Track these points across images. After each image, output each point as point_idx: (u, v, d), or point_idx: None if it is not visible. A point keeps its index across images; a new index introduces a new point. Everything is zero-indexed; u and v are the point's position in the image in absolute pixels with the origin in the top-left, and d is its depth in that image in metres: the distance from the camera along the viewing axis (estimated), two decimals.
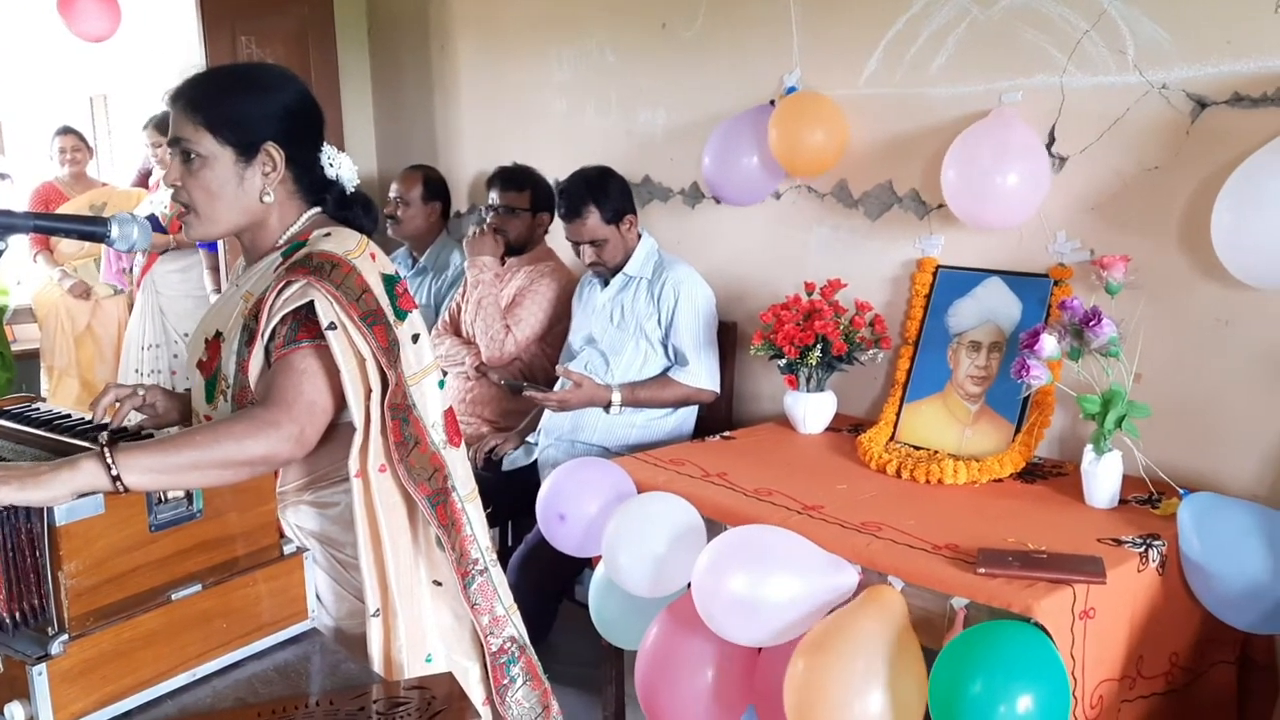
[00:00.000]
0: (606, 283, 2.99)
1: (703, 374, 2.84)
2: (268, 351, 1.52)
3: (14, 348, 5.25)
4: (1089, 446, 2.07)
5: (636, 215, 2.96)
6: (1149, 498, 2.08)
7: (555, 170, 3.46)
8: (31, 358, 5.31)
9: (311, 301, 1.47)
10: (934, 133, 2.51)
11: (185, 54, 4.89)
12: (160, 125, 4.75)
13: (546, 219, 3.41)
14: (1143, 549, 1.86)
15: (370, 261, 1.55)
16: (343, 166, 1.68)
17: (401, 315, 1.56)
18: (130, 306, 5.21)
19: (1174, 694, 1.93)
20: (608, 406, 2.83)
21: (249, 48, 4.09)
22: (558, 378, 2.94)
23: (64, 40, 6.33)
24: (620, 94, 3.40)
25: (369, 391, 1.50)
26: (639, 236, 2.97)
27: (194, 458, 1.35)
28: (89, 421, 1.62)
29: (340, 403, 1.52)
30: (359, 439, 1.50)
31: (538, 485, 2.87)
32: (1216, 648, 1.99)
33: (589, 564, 2.69)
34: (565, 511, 2.22)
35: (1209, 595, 1.86)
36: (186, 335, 5.09)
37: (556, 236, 3.45)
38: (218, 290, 4.36)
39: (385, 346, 1.49)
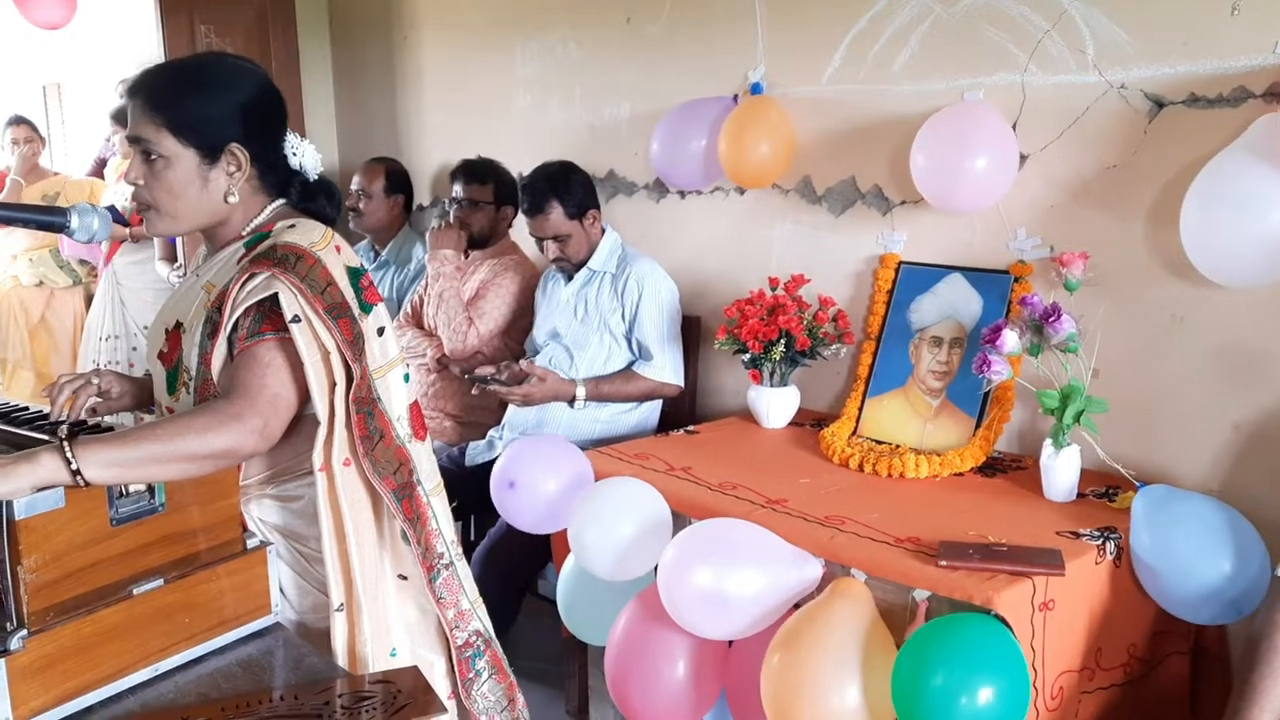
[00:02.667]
0: (570, 277, 2.98)
1: (667, 368, 2.84)
2: (230, 344, 1.50)
3: None
4: (1048, 441, 2.10)
5: (600, 210, 2.96)
6: (1106, 491, 2.12)
7: (519, 164, 3.45)
8: None
9: (276, 294, 1.45)
10: (897, 129, 2.53)
11: (142, 43, 4.81)
12: (120, 117, 4.67)
13: (510, 212, 3.40)
14: (1100, 541, 1.89)
15: (335, 254, 1.54)
16: (306, 155, 1.66)
17: (366, 308, 1.55)
18: (87, 299, 5.14)
19: (1131, 685, 1.96)
20: (572, 401, 2.83)
21: (208, 37, 4.03)
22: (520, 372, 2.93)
23: (15, 28, 6.20)
24: (584, 88, 3.40)
25: (333, 385, 1.49)
26: (602, 231, 2.97)
27: (155, 451, 1.33)
28: (46, 415, 1.59)
29: (304, 396, 1.51)
30: (323, 433, 1.49)
31: None
32: (1171, 639, 2.03)
33: (551, 558, 2.69)
34: (515, 478, 2.21)
35: (1157, 589, 1.89)
36: (146, 328, 5.02)
37: (520, 230, 3.43)
38: (181, 274, 4.29)
39: (350, 339, 1.48)
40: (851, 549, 1.88)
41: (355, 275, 1.55)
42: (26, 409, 1.65)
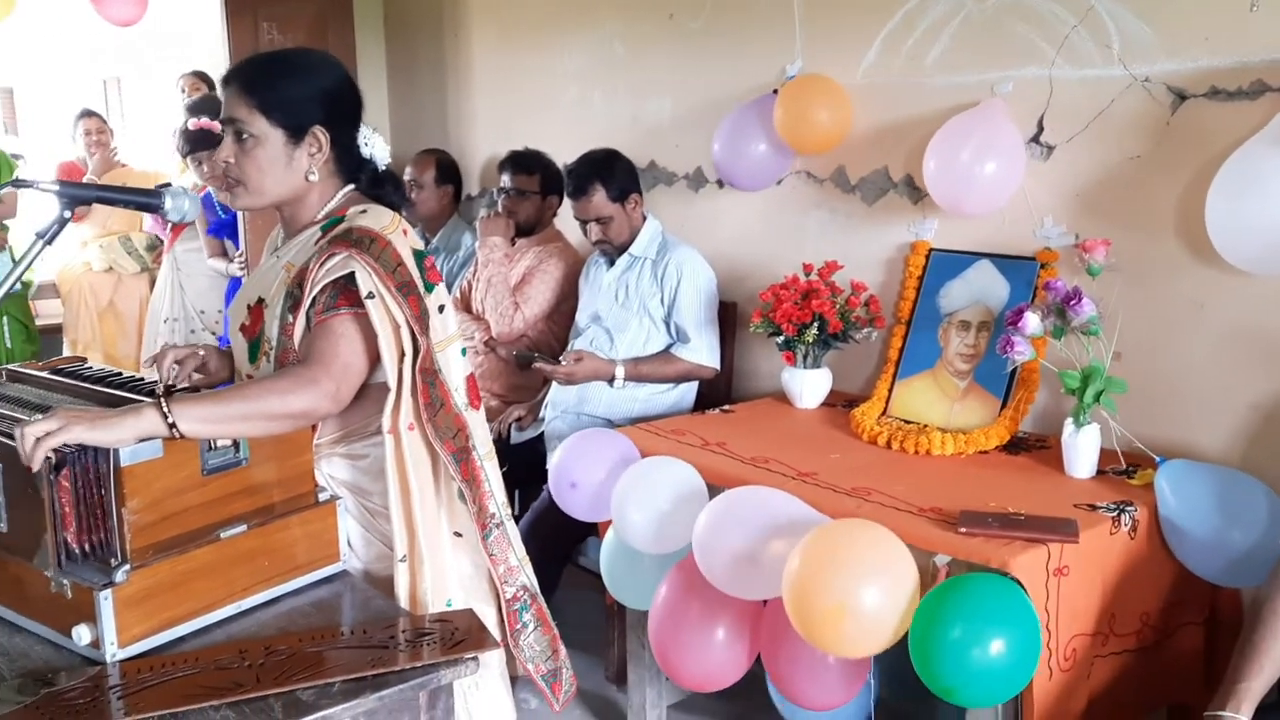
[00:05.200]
0: (612, 262, 3.11)
1: (704, 351, 2.97)
2: (308, 317, 1.65)
3: (36, 323, 5.38)
4: (1069, 420, 2.20)
5: (642, 196, 3.09)
6: (1125, 469, 2.21)
7: (565, 155, 3.57)
8: (54, 333, 5.44)
9: (352, 272, 1.60)
10: (929, 121, 2.63)
11: (205, 38, 5.00)
12: (195, 109, 4.89)
13: (555, 201, 3.54)
14: (1116, 514, 1.99)
15: (403, 237, 1.68)
16: (376, 146, 1.81)
17: (429, 287, 1.69)
18: (152, 284, 5.36)
19: (1145, 651, 2.06)
20: (612, 380, 2.96)
21: (270, 33, 4.20)
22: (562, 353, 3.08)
23: (77, 23, 6.44)
24: (628, 82, 3.52)
25: (402, 355, 1.63)
26: (644, 218, 3.09)
27: (242, 409, 1.49)
28: (140, 379, 1.75)
29: (372, 365, 1.65)
30: (392, 399, 1.63)
31: (544, 456, 3.01)
32: (1186, 609, 2.12)
33: (594, 531, 2.82)
34: (576, 480, 2.35)
35: (1185, 550, 1.99)
36: (203, 312, 5.24)
37: (565, 219, 3.57)
38: (244, 268, 4.47)
39: (417, 315, 1.63)
40: (876, 517, 1.99)
41: (419, 257, 1.69)
42: (120, 373, 1.81)
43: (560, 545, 2.96)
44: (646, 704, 2.58)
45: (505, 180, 3.52)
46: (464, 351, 1.74)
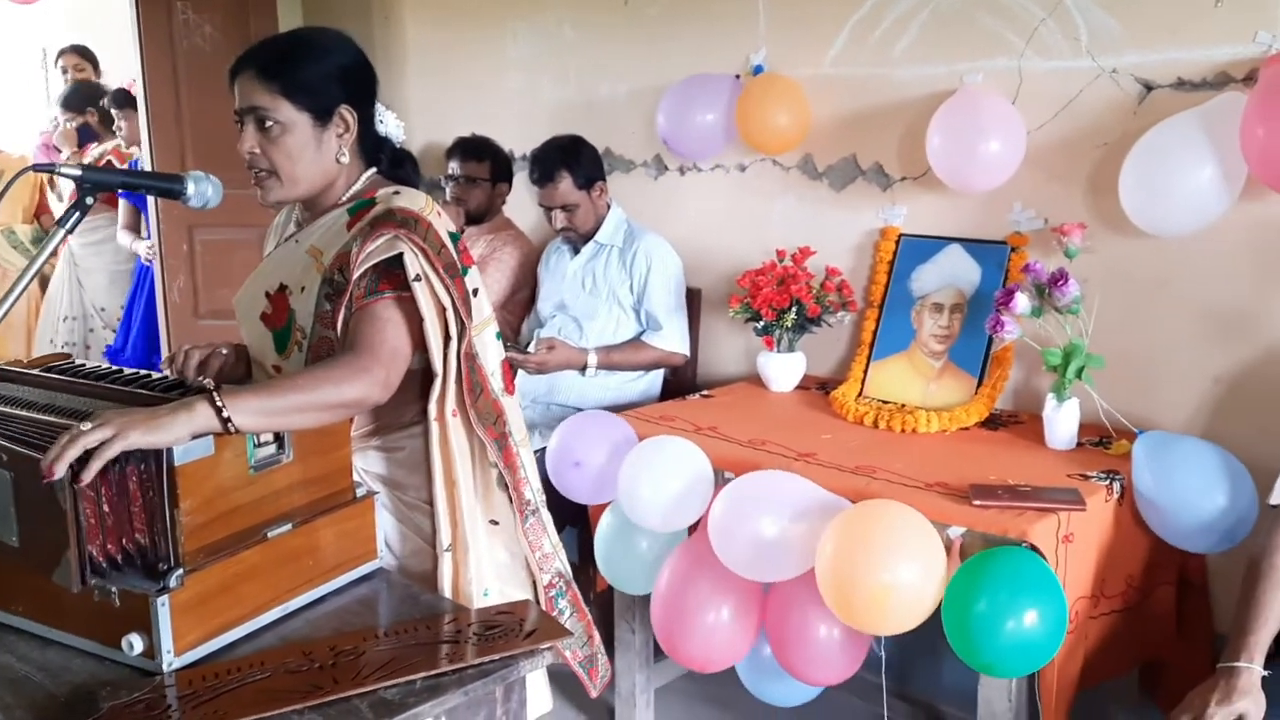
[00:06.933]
0: (576, 250, 3.09)
1: (675, 338, 2.98)
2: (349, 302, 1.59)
3: None
4: (1050, 395, 2.29)
5: (606, 183, 3.07)
6: (1100, 440, 2.32)
7: (510, 142, 3.52)
8: None
9: (398, 254, 1.54)
10: (898, 111, 2.70)
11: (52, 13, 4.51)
12: (68, 103, 4.64)
13: (505, 189, 3.48)
14: (1107, 482, 2.09)
15: (438, 218, 1.64)
16: (389, 122, 1.75)
17: (464, 270, 1.64)
18: (41, 282, 5.05)
19: (1128, 611, 2.17)
20: (584, 369, 2.94)
21: (185, 14, 4.00)
22: (527, 343, 3.04)
23: None
24: (580, 68, 3.48)
25: (447, 340, 1.59)
26: (609, 205, 3.08)
27: (297, 401, 1.42)
28: (148, 375, 1.64)
29: (414, 352, 1.60)
30: (438, 384, 1.59)
31: None
32: (1160, 571, 2.24)
33: (573, 522, 2.80)
34: (580, 459, 2.33)
35: (1159, 522, 2.09)
36: (104, 309, 4.99)
37: (513, 207, 3.52)
38: (151, 247, 4.27)
39: (463, 297, 1.59)
40: (888, 494, 2.04)
41: (454, 239, 1.65)
42: (121, 371, 1.70)
43: None
44: (636, 689, 2.58)
45: (454, 167, 3.44)
46: (499, 335, 1.71)
